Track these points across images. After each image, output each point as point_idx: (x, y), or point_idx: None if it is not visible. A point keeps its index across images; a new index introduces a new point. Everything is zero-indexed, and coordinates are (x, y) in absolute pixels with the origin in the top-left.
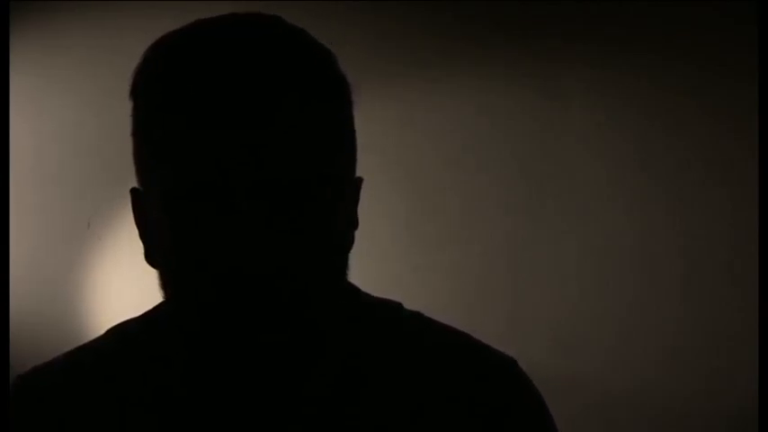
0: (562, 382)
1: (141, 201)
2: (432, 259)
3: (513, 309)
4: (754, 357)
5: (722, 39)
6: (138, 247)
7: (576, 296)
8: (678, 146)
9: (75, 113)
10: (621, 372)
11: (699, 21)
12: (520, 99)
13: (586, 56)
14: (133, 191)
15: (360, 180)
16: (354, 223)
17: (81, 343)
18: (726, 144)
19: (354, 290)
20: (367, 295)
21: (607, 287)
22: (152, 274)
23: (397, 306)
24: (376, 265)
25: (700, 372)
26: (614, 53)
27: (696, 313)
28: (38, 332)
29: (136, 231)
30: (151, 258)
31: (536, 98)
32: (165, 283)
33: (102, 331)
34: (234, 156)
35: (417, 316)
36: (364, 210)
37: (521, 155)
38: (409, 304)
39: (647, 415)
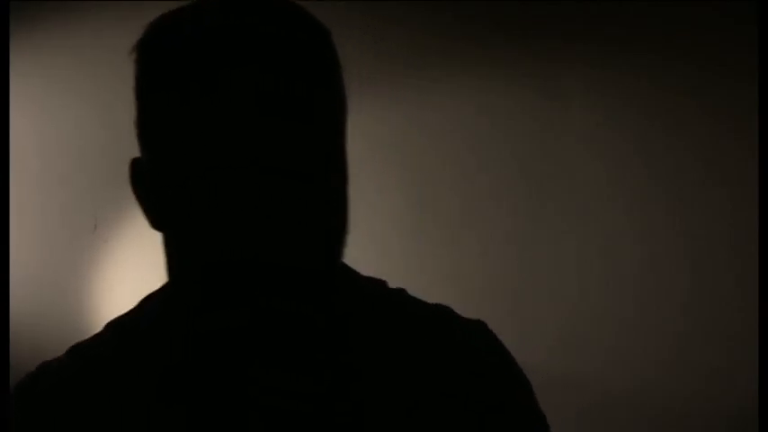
0: (562, 382)
1: (147, 171)
2: (432, 259)
3: (513, 309)
4: (754, 357)
5: (722, 39)
6: (143, 249)
7: (576, 296)
8: (678, 146)
9: (76, 114)
10: (621, 372)
11: (699, 21)
12: (520, 99)
13: (586, 56)
14: (135, 162)
15: None
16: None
17: None
18: (726, 144)
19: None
20: (355, 273)
21: (607, 287)
22: (157, 276)
23: (382, 283)
24: (376, 264)
25: (700, 372)
26: (614, 53)
27: (696, 313)
28: (43, 334)
29: (141, 234)
30: (160, 225)
31: (536, 98)
32: (178, 251)
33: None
34: (261, 141)
35: (400, 292)
36: (365, 209)
37: (521, 155)
38: None
39: (647, 415)
